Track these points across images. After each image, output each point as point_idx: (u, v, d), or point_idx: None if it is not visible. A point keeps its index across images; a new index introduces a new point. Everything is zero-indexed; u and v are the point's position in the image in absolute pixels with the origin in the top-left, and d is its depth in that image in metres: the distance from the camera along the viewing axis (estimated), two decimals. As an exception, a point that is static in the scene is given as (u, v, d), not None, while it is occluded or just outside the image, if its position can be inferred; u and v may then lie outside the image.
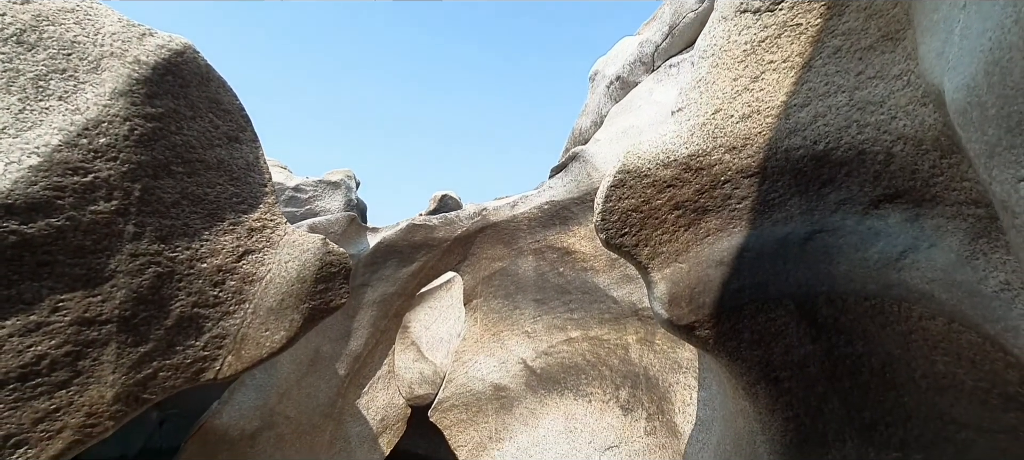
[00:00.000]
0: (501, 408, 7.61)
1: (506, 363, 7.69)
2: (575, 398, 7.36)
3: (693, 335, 3.41)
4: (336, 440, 6.17)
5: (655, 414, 6.22)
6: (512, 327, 7.75)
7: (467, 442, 7.49)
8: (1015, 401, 2.17)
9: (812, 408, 3.22)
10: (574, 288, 7.32)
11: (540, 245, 7.53)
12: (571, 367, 7.38)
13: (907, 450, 2.87)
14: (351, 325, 6.47)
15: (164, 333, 2.61)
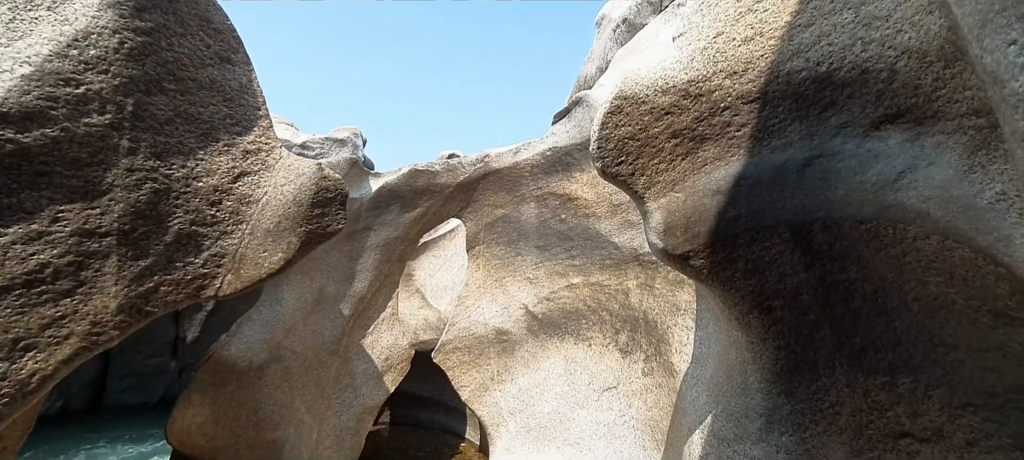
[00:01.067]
0: (503, 351, 7.76)
1: (508, 308, 7.80)
2: (575, 342, 7.47)
3: (688, 265, 3.42)
4: (342, 376, 6.34)
5: (653, 355, 6.32)
6: (514, 273, 7.82)
7: (470, 383, 7.67)
8: (1004, 316, 2.17)
9: (803, 336, 3.25)
10: (576, 235, 7.34)
11: (542, 192, 7.51)
12: (572, 312, 7.47)
13: (896, 374, 2.91)
14: (355, 267, 6.56)
15: (163, 249, 2.66)
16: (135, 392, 13.46)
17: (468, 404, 7.64)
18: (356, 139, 15.89)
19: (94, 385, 14.29)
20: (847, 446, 3.20)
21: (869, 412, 3.07)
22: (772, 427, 3.55)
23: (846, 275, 2.95)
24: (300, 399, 5.72)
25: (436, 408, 9.96)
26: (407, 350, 7.09)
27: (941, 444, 2.77)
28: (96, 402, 14.32)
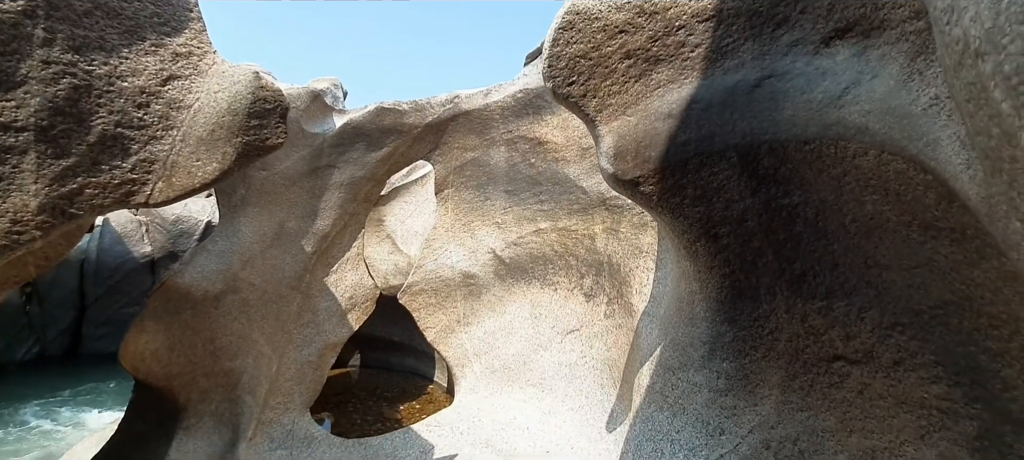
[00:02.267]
0: (469, 295, 7.78)
1: (476, 253, 7.78)
2: (542, 287, 7.52)
3: (637, 191, 3.40)
4: (304, 312, 6.31)
5: (615, 298, 6.39)
6: (483, 218, 7.77)
7: (435, 325, 7.71)
8: (932, 229, 2.18)
9: (747, 263, 3.27)
10: (545, 179, 7.29)
11: (512, 135, 7.40)
12: (539, 257, 7.48)
13: (832, 298, 2.95)
14: (318, 204, 6.44)
15: (87, 150, 2.53)
16: (112, 340, 13.35)
17: (434, 345, 7.70)
18: (336, 90, 15.43)
19: (71, 332, 14.19)
20: (784, 370, 3.27)
21: (805, 337, 3.13)
22: (714, 354, 3.62)
23: (789, 200, 2.95)
24: (259, 331, 5.68)
25: (405, 352, 10.05)
26: (372, 290, 7.06)
27: (870, 365, 2.84)
28: (73, 349, 14.24)
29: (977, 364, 2.22)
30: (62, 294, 13.96)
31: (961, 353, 2.30)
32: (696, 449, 3.57)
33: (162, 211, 15.67)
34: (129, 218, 15.40)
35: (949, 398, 2.46)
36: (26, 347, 13.73)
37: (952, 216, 1.99)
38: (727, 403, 3.53)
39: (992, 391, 2.19)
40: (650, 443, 3.84)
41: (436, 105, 7.36)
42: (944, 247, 2.15)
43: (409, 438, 6.13)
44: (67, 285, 13.98)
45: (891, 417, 2.77)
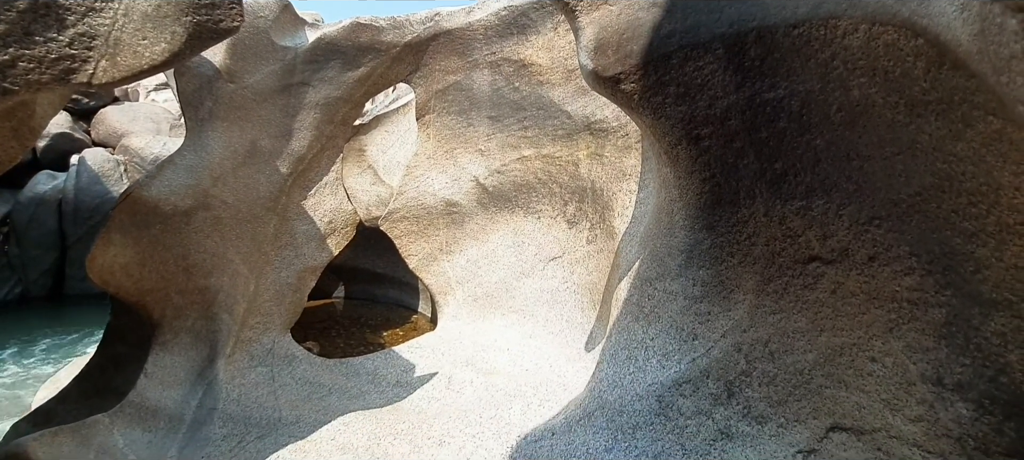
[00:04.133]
0: (452, 223, 7.70)
1: (459, 180, 7.64)
2: (525, 215, 7.44)
3: (618, 89, 3.26)
4: (281, 234, 6.19)
5: (597, 223, 6.34)
6: (466, 145, 7.59)
7: (417, 252, 7.65)
8: (918, 106, 2.08)
9: (728, 166, 3.19)
10: (529, 104, 7.07)
11: (496, 57, 7.12)
12: (523, 185, 7.37)
13: (811, 197, 2.88)
14: (292, 124, 6.21)
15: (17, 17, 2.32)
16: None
17: (416, 273, 7.67)
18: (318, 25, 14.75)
19: (54, 273, 14.04)
20: (759, 275, 3.25)
21: (782, 240, 3.09)
22: (692, 262, 3.58)
23: (775, 93, 2.83)
24: (234, 250, 5.56)
25: (390, 283, 10.04)
26: (351, 216, 6.93)
27: (845, 263, 2.81)
28: (56, 290, 14.11)
29: (951, 248, 2.17)
30: (41, 234, 13.70)
31: (936, 239, 2.25)
32: (669, 354, 3.59)
33: (140, 150, 15.21)
34: (106, 157, 14.95)
35: (920, 288, 2.44)
36: (8, 287, 13.59)
37: (940, 84, 1.89)
38: (702, 310, 3.53)
39: (964, 275, 2.15)
40: (625, 351, 3.87)
41: (416, 23, 7.03)
42: (929, 125, 2.06)
43: (391, 358, 6.18)
44: (45, 225, 13.71)
45: (861, 314, 2.76)
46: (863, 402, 2.77)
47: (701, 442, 3.31)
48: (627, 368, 3.76)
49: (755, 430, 3.20)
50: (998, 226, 1.89)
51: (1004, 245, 1.89)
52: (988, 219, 1.93)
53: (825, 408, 2.95)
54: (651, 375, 3.59)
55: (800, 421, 3.06)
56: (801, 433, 3.05)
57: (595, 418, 3.73)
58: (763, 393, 3.21)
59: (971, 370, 2.24)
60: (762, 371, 3.22)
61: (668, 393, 3.46)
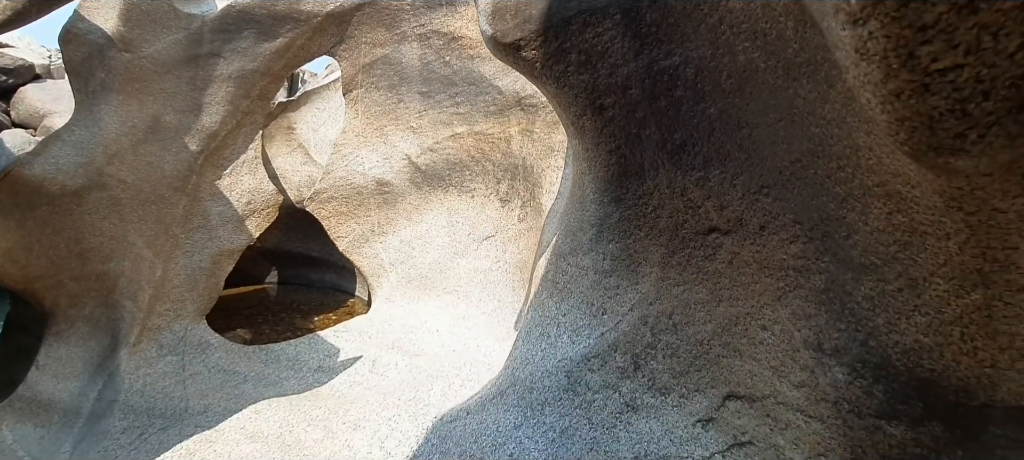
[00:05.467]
0: (384, 203, 7.46)
1: (390, 159, 7.39)
2: (459, 194, 7.29)
3: (520, 56, 3.13)
4: (193, 216, 5.80)
5: (528, 200, 6.26)
6: (396, 122, 7.33)
7: (347, 234, 7.39)
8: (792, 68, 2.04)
9: (632, 136, 3.13)
10: (460, 79, 6.87)
11: (425, 30, 6.87)
12: (456, 163, 7.20)
13: (708, 167, 2.86)
14: (201, 98, 5.79)
15: None
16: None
17: (346, 255, 7.41)
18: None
19: None
20: (664, 247, 3.23)
21: (685, 211, 3.07)
22: (602, 235, 3.54)
23: (671, 61, 2.77)
24: (136, 233, 5.17)
25: (326, 267, 9.71)
26: (273, 196, 6.59)
27: (740, 233, 2.81)
28: None
29: (827, 215, 2.18)
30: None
31: (815, 206, 2.25)
32: (579, 330, 3.55)
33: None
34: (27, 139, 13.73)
35: (803, 256, 2.45)
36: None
37: (808, 44, 1.85)
38: (611, 284, 3.50)
39: (838, 240, 2.16)
40: (538, 328, 3.81)
41: (340, -8, 6.67)
42: (802, 88, 2.03)
43: (314, 343, 5.94)
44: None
45: (754, 283, 2.77)
46: (755, 370, 2.79)
47: (607, 415, 3.30)
48: (540, 345, 3.71)
49: (659, 401, 3.21)
50: (862, 189, 1.88)
51: (868, 208, 1.89)
52: (854, 182, 1.92)
53: (722, 377, 2.98)
54: (561, 351, 3.54)
55: (700, 391, 3.08)
56: (701, 402, 3.07)
57: (507, 396, 3.67)
58: (667, 365, 3.21)
59: (846, 335, 2.27)
60: (666, 343, 3.22)
61: (577, 368, 3.42)
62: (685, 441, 3.06)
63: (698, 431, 3.05)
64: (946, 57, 0.83)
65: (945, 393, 1.92)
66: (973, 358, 1.73)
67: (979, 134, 0.89)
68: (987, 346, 1.66)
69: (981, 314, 1.57)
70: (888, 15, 0.85)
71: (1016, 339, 1.56)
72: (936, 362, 1.87)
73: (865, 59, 0.95)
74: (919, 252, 1.66)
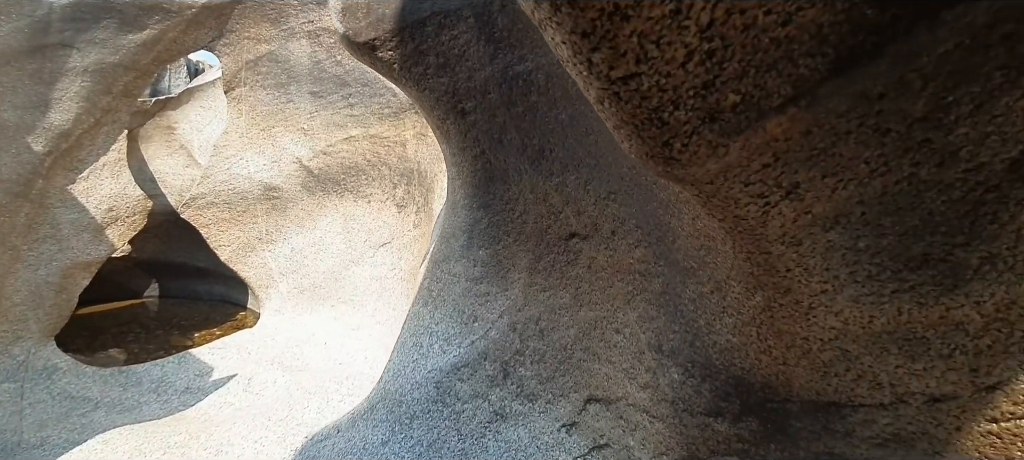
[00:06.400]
0: (273, 209, 7.03)
1: (279, 162, 6.98)
2: (355, 199, 7.01)
3: (376, 57, 3.01)
4: (39, 225, 5.13)
5: (422, 206, 6.12)
6: (285, 123, 6.93)
7: (231, 242, 6.88)
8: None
9: (495, 141, 3.10)
10: (354, 80, 6.62)
11: (314, 27, 6.55)
12: (351, 167, 6.91)
13: (565, 173, 2.87)
14: (49, 94, 5.15)
15: None
16: None
17: (229, 265, 6.90)
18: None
19: None
20: (531, 253, 3.22)
21: (548, 217, 3.07)
22: (472, 242, 3.48)
23: (524, 66, 2.76)
24: (-43, 247, 4.48)
25: (215, 278, 8.99)
26: (140, 201, 5.98)
27: (595, 238, 2.84)
28: None
29: (658, 220, 2.23)
30: None
31: (649, 212, 2.30)
32: (451, 338, 3.47)
33: None
34: None
35: (645, 260, 2.50)
36: None
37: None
38: (481, 291, 3.45)
39: (667, 244, 2.22)
40: (412, 339, 3.69)
41: (218, -17, 6.20)
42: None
43: (185, 362, 5.45)
44: None
45: (608, 287, 2.81)
46: (610, 373, 2.83)
47: (477, 425, 3.23)
48: (412, 356, 3.59)
49: (526, 408, 3.19)
50: (675, 195, 1.92)
51: (681, 214, 1.93)
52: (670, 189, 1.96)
53: (583, 381, 3.00)
54: (432, 361, 3.44)
55: (564, 395, 3.08)
56: (565, 407, 3.08)
57: (377, 410, 3.52)
58: (534, 371, 3.20)
59: (679, 336, 2.33)
60: (533, 349, 3.21)
61: (446, 378, 3.33)
62: (550, 447, 3.05)
63: (563, 436, 3.06)
64: (620, 65, 0.82)
65: (755, 390, 2.00)
66: (769, 357, 1.81)
67: (682, 144, 0.89)
68: (777, 345, 1.73)
69: (766, 315, 1.64)
70: (553, 20, 0.83)
71: (796, 338, 1.63)
72: (744, 361, 1.95)
73: (567, 63, 0.93)
74: (717, 256, 1.71)
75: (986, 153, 1.05)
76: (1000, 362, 1.42)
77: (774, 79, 0.81)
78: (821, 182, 1.07)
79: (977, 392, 1.46)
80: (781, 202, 1.11)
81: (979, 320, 1.34)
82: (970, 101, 0.95)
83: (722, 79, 0.81)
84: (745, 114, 0.85)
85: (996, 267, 1.24)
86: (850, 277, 1.33)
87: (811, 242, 1.24)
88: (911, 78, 0.88)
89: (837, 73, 0.81)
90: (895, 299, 1.34)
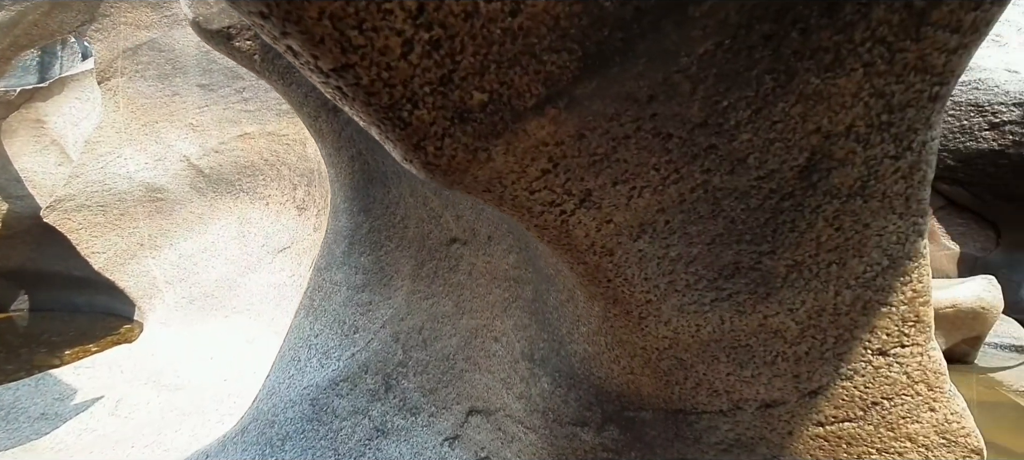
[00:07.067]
0: (157, 212, 6.42)
1: (163, 161, 6.39)
2: (251, 201, 6.54)
3: (233, 47, 2.74)
4: None
5: (324, 208, 5.80)
6: (171, 118, 6.35)
7: (106, 249, 6.22)
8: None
9: (371, 140, 2.92)
10: (247, 72, 6.16)
11: (203, 14, 6.03)
12: (247, 167, 6.45)
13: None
14: None
15: None
16: None
17: (103, 273, 6.24)
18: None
19: None
20: (413, 259, 3.07)
21: (429, 221, 2.93)
22: (353, 248, 3.28)
23: (395, 61, 2.60)
24: None
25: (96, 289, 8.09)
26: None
27: (474, 243, 2.73)
28: None
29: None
30: None
31: (516, 216, 2.20)
32: (330, 351, 3.25)
33: None
34: None
35: (518, 266, 2.42)
36: None
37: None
38: (363, 300, 3.26)
39: (533, 250, 2.14)
40: (291, 353, 3.43)
41: (86, -39, 5.58)
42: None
43: (43, 385, 4.83)
44: None
45: (488, 294, 2.72)
46: (490, 383, 2.74)
47: (356, 443, 3.04)
48: (288, 372, 3.33)
49: (409, 423, 3.03)
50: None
51: (536, 220, 1.84)
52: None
53: (465, 392, 2.89)
54: (309, 377, 3.21)
55: (446, 408, 2.96)
56: (448, 420, 2.95)
57: (248, 433, 3.23)
58: (417, 383, 3.04)
59: (548, 345, 2.27)
60: (417, 360, 3.06)
61: (323, 395, 3.11)
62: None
63: (446, 450, 2.92)
64: (324, 54, 0.70)
65: (612, 399, 1.96)
66: (619, 366, 1.77)
67: (436, 147, 0.79)
68: (623, 354, 1.69)
69: (607, 323, 1.59)
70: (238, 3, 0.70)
71: (636, 348, 1.59)
72: (599, 370, 1.90)
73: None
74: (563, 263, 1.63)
75: (774, 160, 1.00)
76: (818, 368, 1.42)
77: (521, 76, 0.72)
78: (614, 190, 1.00)
79: (802, 397, 1.47)
80: (578, 211, 1.03)
81: (795, 327, 1.33)
82: (746, 106, 0.89)
83: (459, 75, 0.71)
84: (499, 115, 0.76)
85: (803, 275, 1.22)
86: (670, 287, 1.28)
87: (623, 252, 1.17)
88: (677, 80, 0.82)
89: (591, 72, 0.73)
90: (715, 308, 1.31)
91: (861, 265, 1.17)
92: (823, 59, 0.84)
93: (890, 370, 1.35)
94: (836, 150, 0.97)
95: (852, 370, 1.37)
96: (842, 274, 1.18)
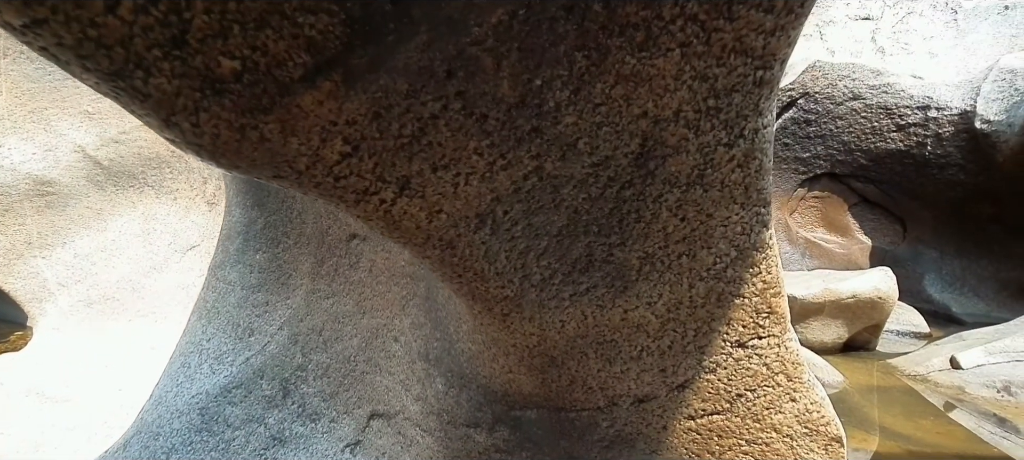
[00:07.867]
0: (47, 207, 5.85)
1: (55, 151, 5.82)
2: (157, 195, 6.08)
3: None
4: None
5: (235, 204, 5.46)
6: (62, 104, 5.80)
7: (-15, 249, 5.61)
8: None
9: (261, 130, 2.72)
10: (150, 57, 5.71)
11: (98, -8, 5.53)
12: (151, 158, 5.98)
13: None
14: None
15: None
16: None
17: (-18, 276, 5.62)
18: None
19: None
20: (313, 256, 2.90)
21: (327, 216, 2.77)
22: (248, 245, 3.07)
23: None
24: None
25: (-19, 294, 7.35)
26: None
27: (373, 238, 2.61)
28: None
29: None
30: None
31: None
32: (222, 356, 3.03)
33: None
34: None
35: (413, 262, 2.31)
36: None
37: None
38: (259, 300, 3.05)
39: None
40: (181, 358, 3.17)
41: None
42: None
43: (-100, 405, 4.28)
44: None
45: (387, 292, 2.59)
46: (390, 385, 2.62)
47: (250, 454, 2.84)
48: (177, 379, 3.08)
49: (309, 430, 2.86)
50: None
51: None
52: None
53: (367, 395, 2.75)
54: (198, 384, 2.97)
55: (348, 412, 2.81)
56: (349, 425, 2.81)
57: (130, 447, 2.96)
58: (317, 387, 2.88)
59: (440, 344, 2.18)
60: (317, 363, 2.90)
61: (214, 403, 2.89)
62: (334, 470, 2.76)
63: (347, 457, 2.78)
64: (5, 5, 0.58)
65: (498, 398, 1.90)
66: (498, 364, 1.70)
67: (191, 123, 0.68)
68: (499, 353, 1.62)
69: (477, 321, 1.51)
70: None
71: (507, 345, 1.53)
72: (483, 368, 1.83)
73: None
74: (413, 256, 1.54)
75: (605, 146, 0.94)
76: (682, 361, 1.40)
77: (276, 41, 0.62)
78: (435, 177, 0.91)
79: (671, 391, 1.45)
80: (399, 199, 0.94)
81: (655, 321, 1.30)
82: (563, 86, 0.82)
83: (195, 35, 0.60)
84: (261, 86, 0.66)
85: (656, 268, 1.18)
86: (525, 281, 1.21)
87: (465, 244, 1.09)
88: (475, 53, 0.74)
89: (363, 39, 0.64)
90: (576, 303, 1.26)
91: (710, 256, 1.15)
92: (634, 36, 0.79)
93: (750, 362, 1.35)
94: (668, 136, 0.92)
95: (714, 363, 1.36)
96: (693, 266, 1.15)
